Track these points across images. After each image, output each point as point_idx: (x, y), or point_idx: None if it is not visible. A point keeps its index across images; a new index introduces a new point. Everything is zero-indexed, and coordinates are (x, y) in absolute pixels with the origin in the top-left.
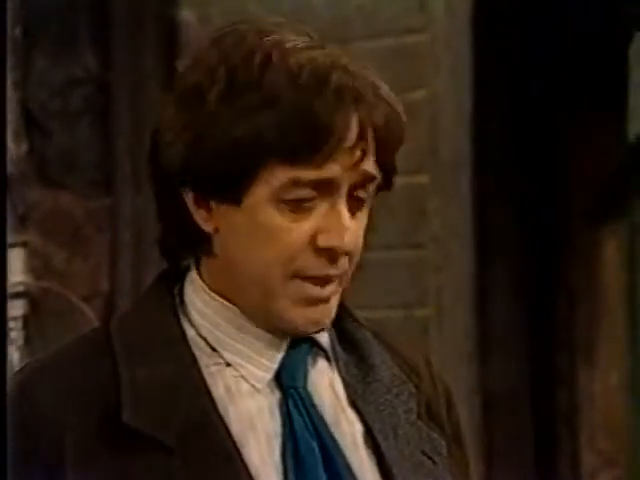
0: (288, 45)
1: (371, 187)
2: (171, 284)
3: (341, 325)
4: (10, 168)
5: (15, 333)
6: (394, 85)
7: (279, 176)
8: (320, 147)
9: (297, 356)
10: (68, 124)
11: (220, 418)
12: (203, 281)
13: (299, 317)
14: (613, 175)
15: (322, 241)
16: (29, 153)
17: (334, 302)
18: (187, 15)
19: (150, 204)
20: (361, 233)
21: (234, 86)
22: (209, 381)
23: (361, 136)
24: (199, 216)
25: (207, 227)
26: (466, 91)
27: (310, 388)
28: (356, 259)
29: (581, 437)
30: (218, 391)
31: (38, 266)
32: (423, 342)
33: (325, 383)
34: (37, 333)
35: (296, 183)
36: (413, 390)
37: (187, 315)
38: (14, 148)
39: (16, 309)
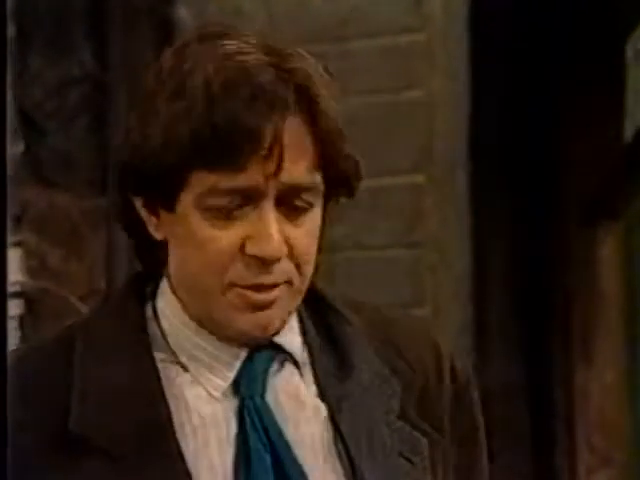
0: (218, 50)
1: (309, 196)
2: (143, 285)
3: (324, 321)
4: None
5: (11, 333)
6: (390, 84)
7: (201, 183)
8: (232, 155)
9: (257, 364)
10: (64, 123)
11: (170, 424)
12: (169, 285)
13: (246, 323)
14: (610, 174)
15: (250, 248)
16: (25, 153)
17: (285, 305)
18: (183, 13)
19: None
20: (308, 239)
21: (174, 90)
22: (165, 385)
23: (275, 143)
24: (150, 223)
25: (157, 235)
26: (462, 90)
27: (269, 397)
28: (308, 264)
29: (578, 435)
30: (173, 397)
31: (34, 266)
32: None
33: (288, 391)
34: (33, 332)
35: (213, 191)
36: (397, 387)
37: (157, 316)
38: (9, 148)
39: (12, 309)
